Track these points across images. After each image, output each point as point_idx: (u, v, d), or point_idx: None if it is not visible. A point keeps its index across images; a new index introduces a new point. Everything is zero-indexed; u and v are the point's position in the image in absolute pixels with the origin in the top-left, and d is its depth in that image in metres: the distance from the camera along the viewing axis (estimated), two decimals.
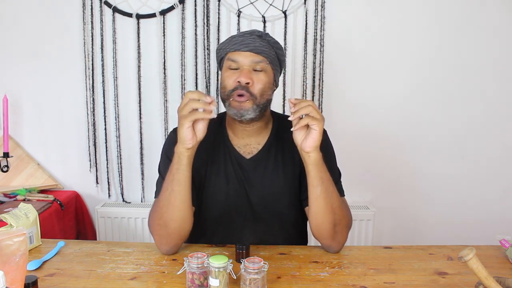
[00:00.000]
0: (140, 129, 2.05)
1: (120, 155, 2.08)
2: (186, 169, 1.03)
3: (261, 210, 1.18)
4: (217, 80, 2.00)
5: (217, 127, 1.21)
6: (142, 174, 2.08)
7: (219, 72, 1.22)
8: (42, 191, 2.02)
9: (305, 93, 2.00)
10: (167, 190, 1.05)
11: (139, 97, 2.03)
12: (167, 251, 1.10)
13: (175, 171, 1.04)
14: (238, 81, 1.08)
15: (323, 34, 1.97)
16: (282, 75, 1.98)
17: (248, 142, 1.19)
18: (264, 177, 1.17)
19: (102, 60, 2.01)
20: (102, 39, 1.99)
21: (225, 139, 1.20)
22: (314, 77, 2.00)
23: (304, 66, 1.98)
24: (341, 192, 1.15)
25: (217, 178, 1.17)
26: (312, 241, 2.10)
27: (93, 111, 2.04)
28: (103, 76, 2.02)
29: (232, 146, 1.19)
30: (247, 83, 1.07)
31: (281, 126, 1.21)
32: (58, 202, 1.90)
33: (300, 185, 1.18)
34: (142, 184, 2.10)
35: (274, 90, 1.17)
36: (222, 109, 2.07)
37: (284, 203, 1.18)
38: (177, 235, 1.08)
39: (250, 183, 1.17)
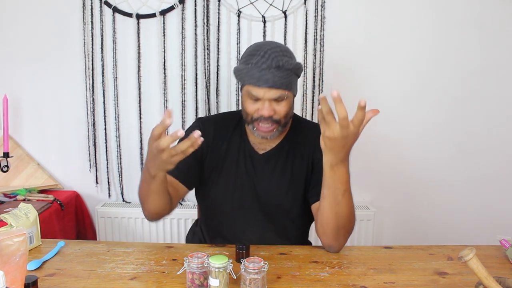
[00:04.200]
0: (140, 129, 2.05)
1: (120, 155, 2.08)
2: (160, 182, 1.04)
3: (265, 205, 1.22)
4: (217, 80, 2.00)
5: (236, 123, 1.28)
6: None
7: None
8: (42, 191, 2.02)
9: (305, 93, 2.00)
10: (145, 189, 1.09)
11: (139, 97, 2.03)
12: (149, 219, 1.19)
13: (153, 185, 1.04)
14: (261, 114, 1.12)
15: (323, 34, 1.97)
16: None
17: (264, 140, 1.24)
18: (273, 173, 1.23)
19: (102, 60, 2.01)
20: (102, 39, 1.99)
21: (243, 134, 1.26)
22: (314, 77, 2.00)
23: (304, 66, 1.98)
24: None
25: (229, 168, 1.23)
26: (312, 241, 2.09)
27: (93, 111, 2.04)
28: (103, 76, 2.02)
29: (248, 141, 1.25)
30: (270, 115, 1.12)
31: (298, 130, 1.27)
32: (58, 202, 1.90)
33: (308, 184, 1.22)
34: None
35: (295, 96, 1.21)
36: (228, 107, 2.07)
37: (287, 202, 1.22)
38: (155, 212, 1.15)
39: (258, 177, 1.23)
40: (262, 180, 1.22)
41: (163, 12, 1.96)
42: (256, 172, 1.23)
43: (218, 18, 1.96)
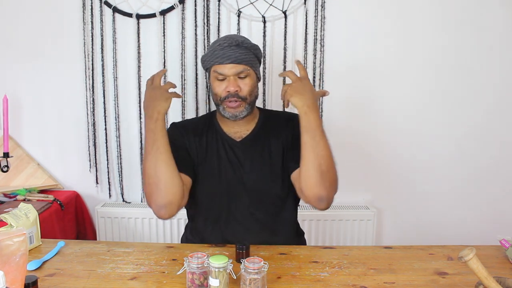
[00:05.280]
0: (140, 129, 2.05)
1: (120, 155, 2.08)
2: (164, 129, 1.17)
3: (252, 189, 1.28)
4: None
5: (208, 120, 1.38)
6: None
7: (207, 76, 1.34)
8: (42, 191, 2.02)
9: None
10: (151, 152, 1.14)
11: (139, 97, 2.03)
12: (162, 207, 1.13)
13: (160, 136, 1.15)
14: (228, 91, 1.22)
15: (323, 34, 1.97)
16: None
17: (238, 129, 1.33)
18: (254, 157, 1.30)
19: (102, 60, 2.01)
20: (102, 39, 1.99)
21: (217, 128, 1.34)
22: (314, 77, 2.00)
23: (304, 66, 1.98)
24: None
25: (211, 160, 1.30)
26: (312, 241, 2.10)
27: (93, 111, 2.04)
28: (103, 76, 2.02)
29: (224, 132, 1.33)
30: (236, 91, 1.22)
31: (267, 117, 1.37)
32: (58, 202, 1.90)
33: (285, 161, 1.29)
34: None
35: (258, 82, 1.32)
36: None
37: (271, 180, 1.29)
38: (169, 190, 1.13)
39: (241, 163, 1.29)
40: (246, 166, 1.29)
41: (163, 12, 1.96)
42: (239, 159, 1.29)
43: (218, 18, 1.96)
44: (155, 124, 1.16)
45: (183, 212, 2.00)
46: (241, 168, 1.29)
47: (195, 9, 1.96)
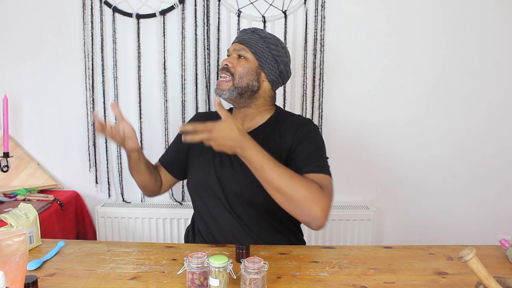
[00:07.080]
0: (140, 129, 2.05)
1: (120, 155, 2.08)
2: (135, 161, 1.27)
3: (240, 191, 1.20)
4: (217, 80, 1.99)
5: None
6: None
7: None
8: (42, 191, 2.02)
9: (305, 93, 2.00)
10: (129, 167, 1.32)
11: (139, 97, 2.03)
12: (140, 188, 1.41)
13: (130, 163, 1.29)
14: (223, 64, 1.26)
15: (323, 34, 1.97)
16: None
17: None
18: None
19: (102, 60, 2.01)
20: (102, 39, 1.99)
21: None
22: (314, 77, 2.00)
23: (304, 66, 1.98)
24: (324, 169, 1.13)
25: (207, 154, 1.28)
26: (312, 241, 2.09)
27: (93, 111, 2.04)
28: (103, 76, 2.02)
29: None
30: (226, 65, 1.24)
31: (278, 120, 1.28)
32: (58, 202, 1.90)
33: None
34: None
35: (263, 81, 1.26)
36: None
37: (261, 190, 1.14)
38: (144, 189, 1.39)
39: (233, 162, 1.22)
40: (235, 168, 1.20)
41: (163, 12, 1.96)
42: (231, 158, 1.21)
43: (218, 18, 1.96)
44: (129, 158, 1.28)
45: (182, 212, 2.03)
46: (233, 168, 1.21)
47: (195, 9, 1.96)
